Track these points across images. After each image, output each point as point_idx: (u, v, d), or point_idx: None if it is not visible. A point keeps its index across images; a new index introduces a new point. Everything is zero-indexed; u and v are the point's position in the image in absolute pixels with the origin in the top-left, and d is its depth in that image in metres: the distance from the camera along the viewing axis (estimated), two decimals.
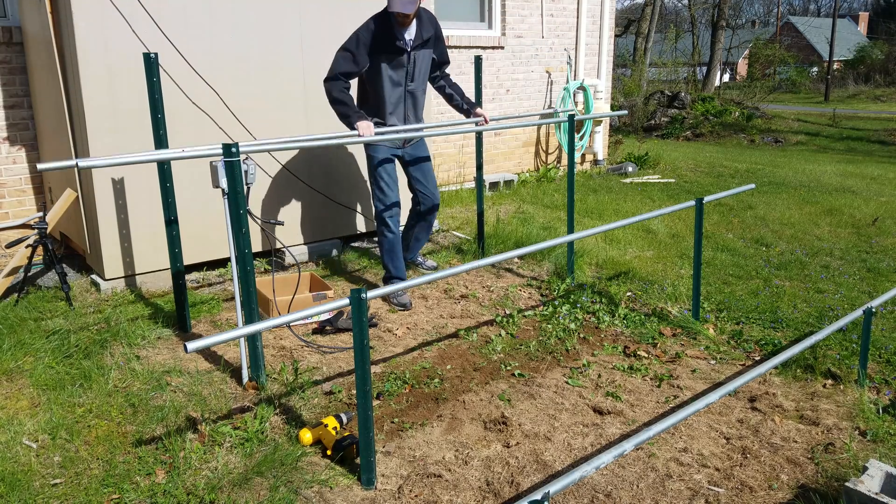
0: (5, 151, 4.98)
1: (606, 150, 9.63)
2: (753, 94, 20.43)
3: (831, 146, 14.91)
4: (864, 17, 52.61)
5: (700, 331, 3.91)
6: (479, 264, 2.86)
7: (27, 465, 2.61)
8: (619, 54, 26.44)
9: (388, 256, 4.37)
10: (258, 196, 4.79)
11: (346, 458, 2.66)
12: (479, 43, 7.59)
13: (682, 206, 3.84)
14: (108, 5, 4.00)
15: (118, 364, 3.41)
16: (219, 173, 2.99)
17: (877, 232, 6.29)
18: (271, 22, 4.62)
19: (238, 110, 4.50)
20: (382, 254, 4.40)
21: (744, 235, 6.10)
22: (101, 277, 4.41)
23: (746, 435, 2.87)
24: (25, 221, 5.07)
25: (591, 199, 7.40)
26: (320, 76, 4.89)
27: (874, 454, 2.71)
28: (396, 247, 4.35)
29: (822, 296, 4.56)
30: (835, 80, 32.68)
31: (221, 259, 4.77)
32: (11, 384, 3.22)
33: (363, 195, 5.30)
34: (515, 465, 2.65)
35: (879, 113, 22.51)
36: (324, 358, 3.57)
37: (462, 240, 5.63)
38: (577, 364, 3.53)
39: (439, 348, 3.71)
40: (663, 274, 4.94)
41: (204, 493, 2.44)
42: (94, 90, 4.07)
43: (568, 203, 4.76)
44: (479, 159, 5.12)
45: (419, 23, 4.10)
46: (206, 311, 4.12)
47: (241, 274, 3.12)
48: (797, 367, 3.46)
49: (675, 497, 2.48)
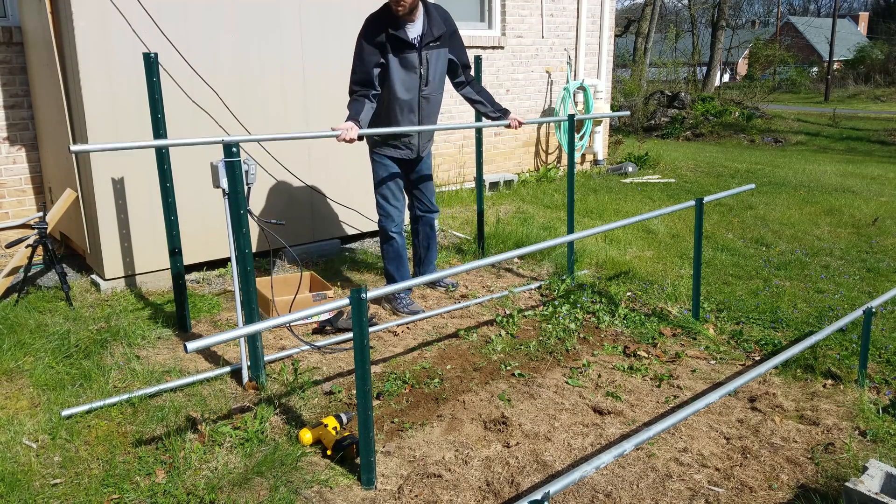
0: (5, 151, 4.98)
1: (606, 150, 9.63)
2: (753, 94, 20.42)
3: (831, 146, 14.90)
4: (864, 17, 52.62)
5: (700, 331, 3.91)
6: (479, 264, 2.86)
7: (27, 465, 2.61)
8: (619, 54, 26.45)
9: (394, 265, 4.19)
10: (258, 196, 4.79)
11: (346, 458, 2.66)
12: (479, 43, 7.59)
13: (682, 206, 3.84)
14: (108, 5, 4.00)
15: (118, 364, 3.41)
16: (219, 173, 2.99)
17: (877, 232, 6.29)
18: (271, 21, 4.62)
19: (238, 110, 4.50)
20: (386, 262, 4.22)
21: (744, 235, 6.10)
22: (101, 277, 4.41)
23: (746, 435, 2.87)
24: (25, 221, 5.07)
25: (591, 199, 7.40)
26: (320, 75, 4.92)
27: (874, 454, 2.71)
28: (401, 255, 4.17)
29: (822, 296, 4.56)
30: (835, 80, 32.67)
31: (221, 259, 4.77)
32: (11, 384, 3.22)
33: (363, 195, 5.29)
34: (515, 465, 2.65)
35: (879, 113, 22.50)
36: (324, 358, 3.57)
37: (462, 240, 5.63)
38: (577, 364, 3.53)
39: (439, 348, 3.71)
40: (663, 274, 4.94)
41: (204, 493, 2.44)
42: (94, 90, 4.07)
43: (568, 203, 4.76)
44: (478, 159, 5.12)
45: (428, 18, 3.77)
46: (206, 311, 4.12)
47: (241, 274, 3.12)
48: (797, 367, 3.46)
49: (675, 497, 2.48)
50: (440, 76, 3.94)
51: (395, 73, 3.76)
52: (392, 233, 4.11)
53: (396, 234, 4.12)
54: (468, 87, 4.14)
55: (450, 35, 3.91)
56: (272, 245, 4.94)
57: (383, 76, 3.77)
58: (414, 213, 4.36)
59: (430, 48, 3.81)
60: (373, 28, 3.70)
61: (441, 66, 3.91)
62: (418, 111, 3.93)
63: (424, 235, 4.40)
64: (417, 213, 4.34)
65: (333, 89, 4.94)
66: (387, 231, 4.12)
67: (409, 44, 3.73)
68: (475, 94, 4.15)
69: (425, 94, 3.89)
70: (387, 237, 4.14)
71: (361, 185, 5.27)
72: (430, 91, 3.90)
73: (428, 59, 3.82)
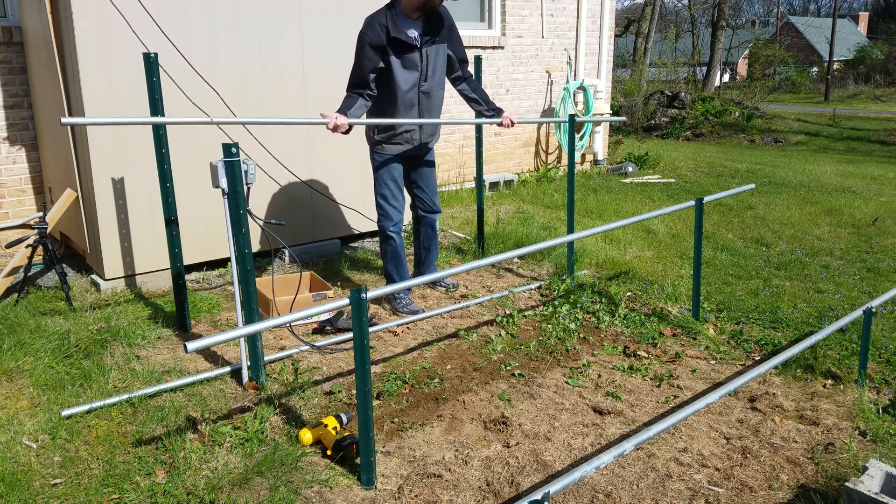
0: (5, 151, 4.98)
1: (606, 150, 9.63)
2: (753, 94, 20.43)
3: (831, 146, 14.90)
4: (864, 17, 52.62)
5: (700, 331, 3.90)
6: (479, 264, 2.86)
7: (27, 465, 2.61)
8: (619, 54, 26.46)
9: (392, 265, 4.19)
10: (258, 196, 4.79)
11: (346, 458, 2.66)
12: (479, 43, 7.59)
13: (682, 206, 3.84)
14: (108, 5, 4.00)
15: (118, 364, 3.41)
16: (219, 173, 2.99)
17: (877, 232, 6.29)
18: (271, 21, 4.62)
19: (238, 109, 4.49)
20: (385, 262, 4.21)
21: (744, 235, 6.10)
22: (101, 277, 4.41)
23: (746, 435, 2.87)
24: (25, 221, 5.08)
25: (591, 199, 7.40)
26: (320, 74, 4.92)
27: (874, 454, 2.71)
28: (400, 254, 4.17)
29: (822, 296, 4.56)
30: (835, 80, 32.68)
31: (221, 259, 4.77)
32: (11, 384, 3.22)
33: (363, 195, 5.29)
34: (515, 465, 2.65)
35: (879, 113, 22.50)
36: (324, 358, 3.57)
37: (462, 240, 5.63)
38: (577, 364, 3.53)
39: (439, 348, 3.71)
40: (663, 274, 4.94)
41: (204, 493, 2.44)
42: (94, 90, 4.07)
43: (568, 203, 4.76)
44: (478, 159, 5.12)
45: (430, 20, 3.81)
46: (206, 311, 4.12)
47: (241, 274, 3.12)
48: (797, 367, 3.46)
49: (675, 497, 2.48)
50: (440, 71, 3.95)
51: (397, 72, 3.78)
52: (390, 232, 4.11)
53: (395, 233, 4.12)
54: (464, 83, 4.15)
55: (448, 30, 3.92)
56: (272, 245, 4.94)
57: (384, 74, 3.79)
58: (416, 213, 4.36)
59: (430, 45, 3.83)
60: (372, 30, 3.70)
61: (441, 61, 3.93)
62: (418, 105, 3.93)
63: (426, 236, 4.39)
64: (419, 214, 4.33)
65: (333, 89, 4.93)
66: (385, 231, 4.11)
67: (410, 45, 3.75)
68: (471, 91, 4.16)
69: (425, 90, 3.90)
70: (385, 237, 4.14)
71: (361, 186, 5.27)
72: (429, 86, 3.91)
73: (427, 55, 3.83)
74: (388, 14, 3.73)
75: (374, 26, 3.71)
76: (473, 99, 4.18)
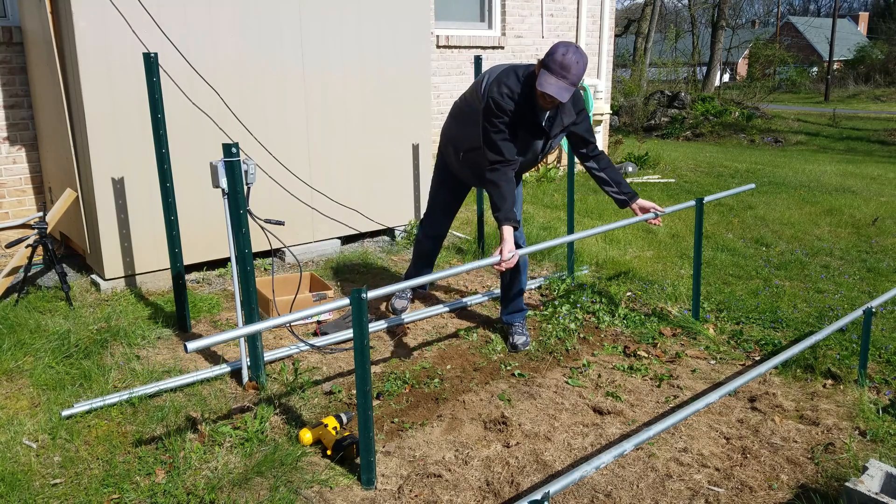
0: (5, 151, 4.98)
1: (606, 150, 9.63)
2: (753, 94, 20.44)
3: (831, 146, 14.91)
4: (864, 17, 52.62)
5: (700, 331, 3.90)
6: (479, 264, 2.86)
7: (27, 465, 2.61)
8: (619, 54, 26.46)
9: (411, 265, 4.18)
10: (258, 196, 4.79)
11: (346, 458, 2.66)
12: (479, 43, 7.59)
13: (682, 206, 3.84)
14: (108, 5, 4.00)
15: (118, 364, 3.41)
16: (219, 173, 2.99)
17: (877, 232, 6.29)
18: (271, 21, 4.62)
19: (238, 109, 4.49)
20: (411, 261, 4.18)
21: (744, 235, 6.10)
22: (101, 277, 4.41)
23: (746, 435, 2.87)
24: (25, 221, 5.07)
25: (591, 199, 7.40)
26: (320, 75, 4.91)
27: (874, 454, 2.71)
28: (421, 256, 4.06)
29: (822, 296, 4.56)
30: (835, 80, 32.70)
31: (221, 259, 4.77)
32: (11, 384, 3.22)
33: (363, 195, 5.29)
34: (515, 465, 2.65)
35: (879, 113, 22.52)
36: (324, 358, 3.57)
37: (462, 240, 5.63)
38: (577, 364, 3.53)
39: (439, 348, 3.71)
40: (663, 274, 4.94)
41: (204, 493, 2.44)
42: (94, 90, 4.07)
43: (568, 203, 4.76)
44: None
45: (561, 105, 3.39)
46: (206, 311, 4.12)
47: (241, 274, 3.12)
48: (797, 367, 3.46)
49: (675, 497, 2.48)
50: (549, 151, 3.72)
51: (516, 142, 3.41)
52: (419, 236, 4.04)
53: (422, 237, 4.01)
54: (593, 160, 3.71)
55: (577, 115, 3.56)
56: (272, 245, 4.93)
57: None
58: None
59: (557, 136, 3.55)
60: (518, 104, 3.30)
61: (557, 142, 3.64)
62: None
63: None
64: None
65: (333, 89, 4.95)
66: (421, 238, 4.03)
67: (541, 130, 3.44)
68: (599, 170, 3.71)
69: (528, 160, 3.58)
70: (416, 239, 4.08)
71: (361, 186, 5.27)
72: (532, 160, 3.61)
73: (551, 144, 3.61)
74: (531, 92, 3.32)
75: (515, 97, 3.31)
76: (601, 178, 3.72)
